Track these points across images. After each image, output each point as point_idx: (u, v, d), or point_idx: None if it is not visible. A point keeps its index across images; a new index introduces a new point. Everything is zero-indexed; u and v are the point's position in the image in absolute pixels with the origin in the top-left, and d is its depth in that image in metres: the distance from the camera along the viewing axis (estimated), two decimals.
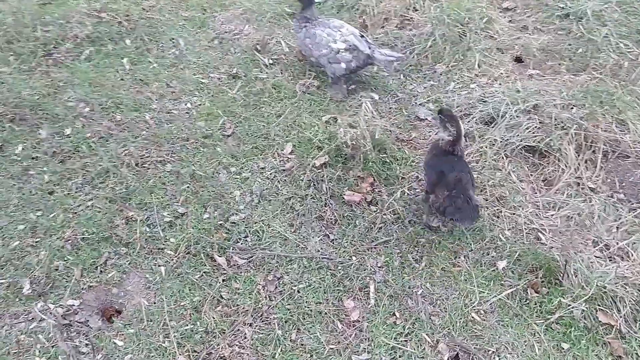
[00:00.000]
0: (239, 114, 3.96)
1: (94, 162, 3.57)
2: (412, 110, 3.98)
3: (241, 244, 3.13)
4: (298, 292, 2.89)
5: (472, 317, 2.73)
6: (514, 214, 3.26)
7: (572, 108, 3.75)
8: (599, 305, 2.70)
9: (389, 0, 4.76)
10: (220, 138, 3.79)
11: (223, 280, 2.95)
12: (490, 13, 4.53)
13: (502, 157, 3.56)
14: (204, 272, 2.99)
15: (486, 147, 3.61)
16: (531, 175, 3.51)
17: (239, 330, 2.74)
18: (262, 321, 2.78)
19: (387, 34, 4.58)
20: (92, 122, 3.84)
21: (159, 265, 3.03)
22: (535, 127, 3.62)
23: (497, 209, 3.29)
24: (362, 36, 4.00)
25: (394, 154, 3.61)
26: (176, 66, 4.36)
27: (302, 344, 2.68)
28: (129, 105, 3.97)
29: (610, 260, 2.96)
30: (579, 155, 3.50)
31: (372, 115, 3.64)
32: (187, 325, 2.76)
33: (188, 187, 3.46)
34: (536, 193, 3.41)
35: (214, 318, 2.78)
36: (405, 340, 2.67)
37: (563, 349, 2.60)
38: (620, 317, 2.65)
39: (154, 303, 2.87)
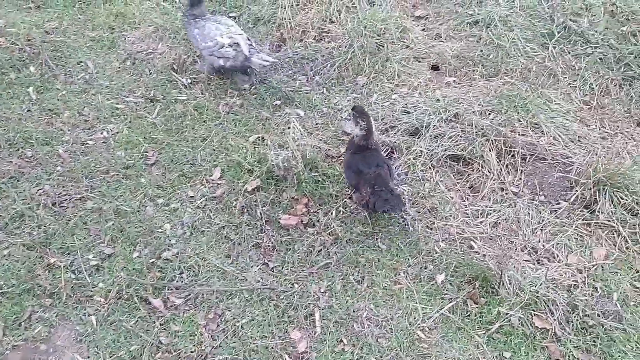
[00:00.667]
0: (161, 140, 3.80)
1: (6, 205, 3.30)
2: (339, 125, 3.98)
3: (177, 282, 3.00)
4: (242, 327, 2.81)
5: (418, 336, 2.77)
6: (446, 224, 3.34)
7: (489, 114, 3.91)
8: (533, 310, 2.82)
9: (305, 13, 4.73)
10: (143, 168, 3.62)
11: (161, 324, 2.81)
12: (405, 22, 4.61)
13: (430, 168, 3.64)
14: (140, 318, 2.84)
15: (413, 159, 3.67)
16: (458, 183, 3.62)
17: None
18: None
19: (306, 47, 4.56)
20: (0, 161, 3.54)
21: (89, 315, 2.84)
22: (458, 135, 3.73)
23: (430, 221, 3.36)
24: (248, 39, 4.12)
25: (325, 171, 3.59)
26: (87, 92, 4.11)
27: None
28: (39, 139, 3.70)
29: (538, 263, 3.11)
30: (500, 161, 3.64)
31: (301, 134, 3.60)
32: None
33: (113, 224, 3.27)
34: (464, 201, 3.52)
35: None
36: None
37: (505, 358, 2.69)
38: (554, 320, 2.79)
39: (88, 357, 2.68)
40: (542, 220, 3.35)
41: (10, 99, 3.97)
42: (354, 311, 2.88)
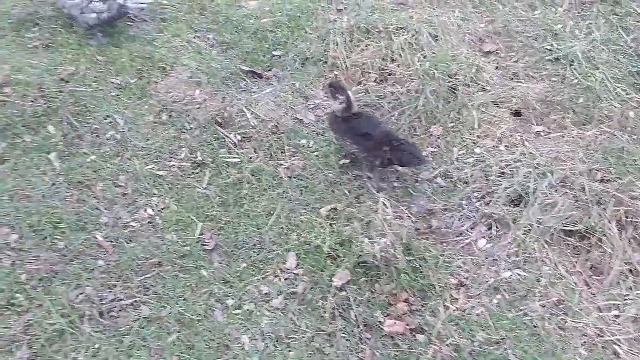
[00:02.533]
0: (218, 217, 3.16)
1: (39, 319, 2.63)
2: (422, 188, 3.39)
3: None
4: None
5: None
6: (579, 322, 2.78)
7: (596, 173, 3.37)
8: None
9: (361, 50, 4.12)
10: (201, 256, 2.98)
11: None
12: (477, 61, 4.04)
13: (543, 246, 3.08)
14: None
15: (523, 235, 3.11)
16: (576, 263, 3.06)
17: None
18: None
19: (367, 91, 3.94)
20: (25, 256, 2.87)
21: None
22: (571, 203, 3.18)
23: (561, 319, 2.79)
24: None
25: (421, 254, 3.00)
26: (121, 155, 3.44)
27: None
28: (71, 223, 3.03)
29: None
30: (621, 234, 3.10)
31: (392, 215, 3.00)
32: None
33: (177, 338, 2.63)
34: (590, 287, 2.97)
35: None
36: None
37: None
38: None
39: None
40: None
41: (28, 169, 3.27)
42: None
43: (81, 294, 2.73)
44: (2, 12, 4.27)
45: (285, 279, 2.91)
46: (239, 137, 3.61)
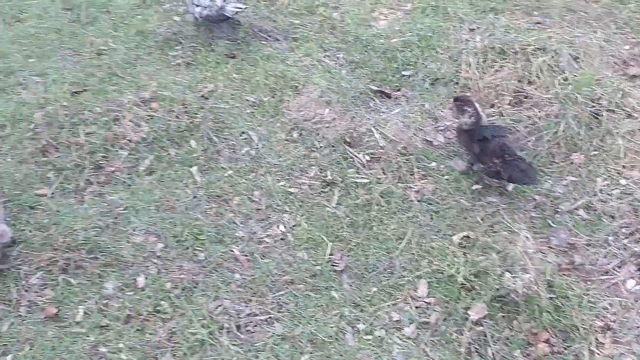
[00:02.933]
0: (348, 239, 3.17)
1: (181, 327, 2.75)
2: (562, 219, 3.19)
3: None
4: None
5: None
6: None
7: None
8: None
9: (495, 71, 3.98)
10: (332, 276, 2.99)
11: None
12: (622, 85, 3.77)
13: None
14: None
15: None
16: None
17: None
18: None
19: (501, 114, 3.80)
20: (170, 265, 3.03)
21: None
22: None
23: None
24: None
25: (563, 291, 2.82)
26: (255, 171, 3.54)
27: None
28: (210, 236, 3.16)
29: None
30: None
31: (534, 248, 2.85)
32: None
33: (310, 359, 2.64)
34: None
35: None
36: None
37: None
38: None
39: None
40: None
41: (172, 181, 3.45)
42: None
43: (220, 306, 2.83)
44: (149, 31, 4.58)
45: (417, 307, 2.85)
46: (367, 158, 3.60)
